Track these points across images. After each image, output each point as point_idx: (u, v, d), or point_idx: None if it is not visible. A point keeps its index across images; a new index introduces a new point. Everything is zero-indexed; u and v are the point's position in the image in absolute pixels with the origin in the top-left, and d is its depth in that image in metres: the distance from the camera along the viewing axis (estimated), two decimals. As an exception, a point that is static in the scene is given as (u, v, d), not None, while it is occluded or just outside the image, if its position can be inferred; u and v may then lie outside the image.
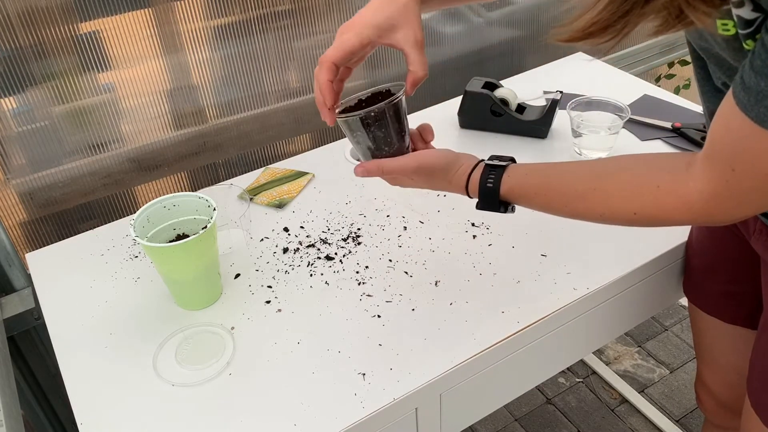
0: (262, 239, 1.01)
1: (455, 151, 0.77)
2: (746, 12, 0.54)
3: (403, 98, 0.74)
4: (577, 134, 1.12)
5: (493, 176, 0.73)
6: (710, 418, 1.12)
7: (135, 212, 0.86)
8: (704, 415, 1.13)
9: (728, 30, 0.57)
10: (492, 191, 0.73)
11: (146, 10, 1.03)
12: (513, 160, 0.76)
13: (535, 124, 1.19)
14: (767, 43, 0.50)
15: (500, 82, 1.26)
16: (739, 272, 0.91)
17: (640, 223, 0.67)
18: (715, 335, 1.00)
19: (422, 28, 0.73)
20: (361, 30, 0.71)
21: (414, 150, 0.78)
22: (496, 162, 0.74)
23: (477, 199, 0.75)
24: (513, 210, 0.76)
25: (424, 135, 0.80)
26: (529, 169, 0.73)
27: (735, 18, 0.56)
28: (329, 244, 0.99)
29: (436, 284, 0.90)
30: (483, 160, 0.76)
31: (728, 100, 0.56)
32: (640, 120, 1.21)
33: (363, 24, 0.71)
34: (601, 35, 0.57)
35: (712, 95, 0.74)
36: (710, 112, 0.76)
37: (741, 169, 0.56)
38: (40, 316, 1.05)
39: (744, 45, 0.56)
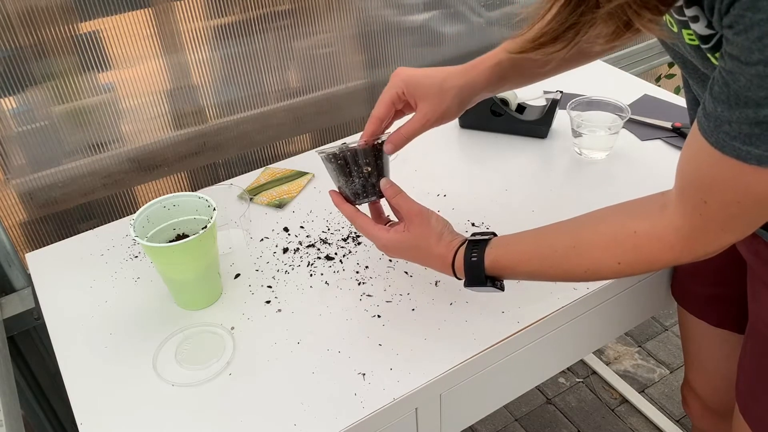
0: (262, 239, 1.01)
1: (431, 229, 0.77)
2: (700, 28, 0.54)
3: (359, 150, 0.77)
4: (577, 134, 1.12)
5: (476, 250, 0.73)
6: (696, 422, 1.12)
7: (135, 212, 0.86)
8: (690, 419, 1.13)
9: (693, 40, 0.57)
10: (477, 264, 0.73)
11: (146, 10, 1.03)
12: (494, 234, 0.76)
13: (535, 124, 1.19)
14: (724, 70, 0.50)
15: (500, 82, 1.26)
16: (725, 275, 0.90)
17: (627, 272, 0.66)
18: (703, 339, 1.00)
19: (441, 115, 0.77)
20: (396, 81, 0.78)
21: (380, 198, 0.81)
22: (478, 237, 0.75)
23: (463, 279, 0.75)
24: (502, 288, 0.75)
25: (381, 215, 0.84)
26: (510, 239, 0.74)
27: (693, 31, 0.56)
28: (329, 244, 0.99)
29: (436, 284, 0.90)
30: (467, 239, 0.76)
31: (694, 129, 0.56)
32: (640, 120, 1.21)
33: (403, 75, 0.77)
34: (552, 45, 0.58)
35: (693, 105, 0.73)
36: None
37: (712, 200, 0.56)
38: (40, 316, 1.05)
39: (711, 58, 0.56)
